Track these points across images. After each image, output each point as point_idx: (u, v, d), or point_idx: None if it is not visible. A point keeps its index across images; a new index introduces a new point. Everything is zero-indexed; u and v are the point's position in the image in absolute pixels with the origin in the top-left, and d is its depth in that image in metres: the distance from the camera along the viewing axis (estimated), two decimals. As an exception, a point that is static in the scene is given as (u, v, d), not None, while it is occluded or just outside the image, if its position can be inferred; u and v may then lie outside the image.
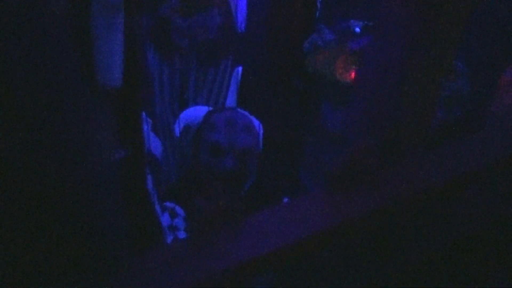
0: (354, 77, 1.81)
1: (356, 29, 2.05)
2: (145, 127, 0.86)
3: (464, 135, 1.65)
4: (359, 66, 1.79)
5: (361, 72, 1.32)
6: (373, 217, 1.04)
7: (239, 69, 2.06)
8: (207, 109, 1.50)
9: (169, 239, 1.15)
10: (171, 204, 1.28)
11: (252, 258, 0.85)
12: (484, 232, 1.28)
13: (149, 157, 0.94)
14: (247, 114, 1.47)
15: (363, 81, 1.25)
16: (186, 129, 1.47)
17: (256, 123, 1.45)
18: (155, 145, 1.03)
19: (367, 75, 1.22)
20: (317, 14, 2.17)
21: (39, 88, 0.63)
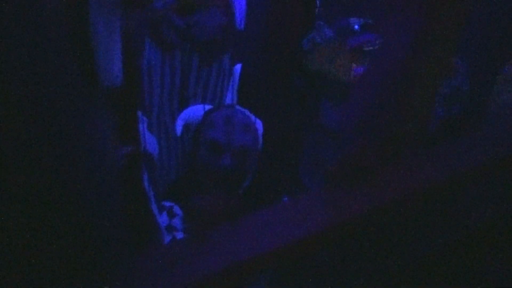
0: (355, 76, 1.81)
1: (355, 27, 2.04)
2: (141, 126, 0.85)
3: (463, 132, 1.65)
4: (358, 63, 1.79)
5: (363, 70, 1.32)
6: (372, 216, 1.04)
7: (238, 67, 2.06)
8: (207, 108, 1.49)
9: (167, 239, 1.14)
10: (169, 203, 1.28)
11: (250, 258, 0.85)
12: (483, 230, 1.28)
13: (145, 156, 0.94)
14: (247, 112, 1.46)
15: (363, 79, 1.25)
16: (186, 127, 1.47)
17: (255, 122, 1.45)
18: (151, 144, 1.03)
19: (367, 73, 1.22)
20: (317, 11, 2.17)
21: (37, 87, 0.63)
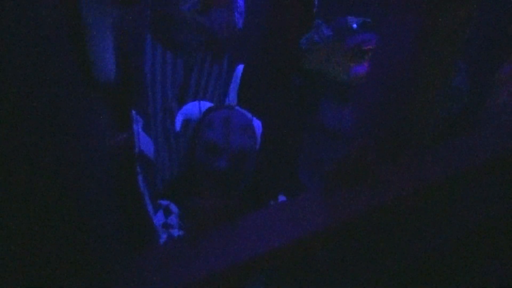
0: (353, 75, 1.80)
1: (353, 26, 2.03)
2: (135, 127, 0.85)
3: (462, 132, 1.65)
4: (356, 62, 1.78)
5: (368, 72, 1.32)
6: (371, 216, 1.04)
7: (241, 67, 2.05)
8: (208, 105, 1.47)
9: (163, 237, 1.14)
10: (165, 201, 1.27)
11: (247, 259, 0.84)
12: (482, 230, 1.27)
13: (140, 156, 0.93)
14: (246, 113, 1.44)
15: (370, 81, 1.24)
16: (185, 123, 1.45)
17: (255, 123, 1.43)
18: (146, 144, 1.03)
19: (374, 75, 1.21)
20: (315, 10, 2.16)
21: (31, 83, 0.63)
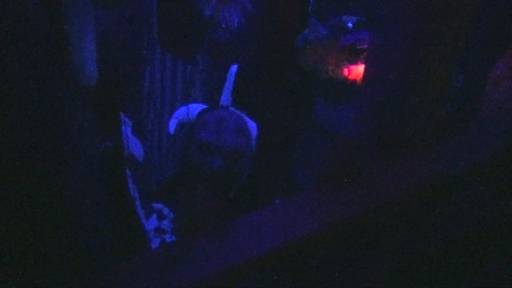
0: (346, 74, 1.79)
1: (348, 25, 2.03)
2: (124, 129, 0.84)
3: (457, 130, 1.64)
4: (351, 61, 1.78)
5: (366, 72, 1.31)
6: (365, 218, 1.03)
7: (235, 67, 2.04)
8: (200, 107, 1.48)
9: (156, 242, 1.13)
10: (158, 205, 1.27)
11: (240, 262, 0.84)
12: (478, 231, 1.27)
13: (129, 159, 0.93)
14: (241, 114, 1.44)
15: (370, 81, 1.23)
16: (180, 126, 1.45)
17: (250, 124, 1.43)
18: (135, 147, 1.02)
19: (373, 75, 1.20)
20: (310, 9, 2.15)
21: (16, 86, 0.62)
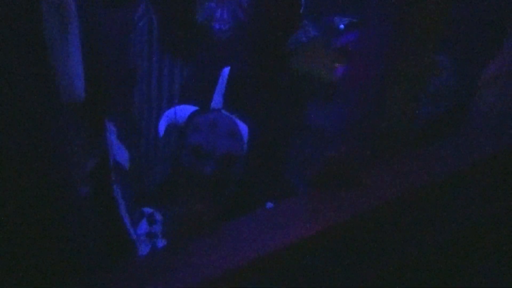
0: (339, 75, 1.78)
1: (340, 26, 2.02)
2: (109, 136, 0.82)
3: (450, 130, 1.64)
4: (342, 63, 1.77)
5: (346, 69, 1.32)
6: (358, 221, 1.02)
7: (226, 70, 2.02)
8: (189, 109, 1.46)
9: (147, 248, 1.12)
10: (149, 209, 1.25)
11: (232, 268, 0.82)
12: (473, 231, 1.27)
13: (115, 166, 0.91)
14: (233, 117, 1.44)
15: (348, 79, 1.24)
16: (170, 128, 1.44)
17: (241, 127, 1.43)
18: (120, 153, 1.00)
19: (352, 72, 1.21)
20: (302, 10, 2.14)
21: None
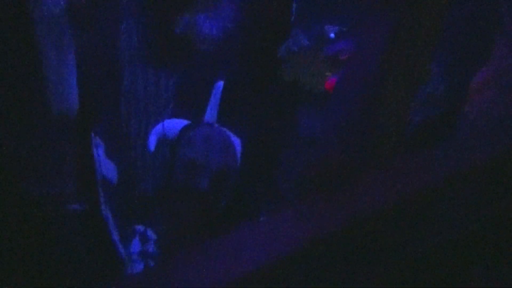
0: (330, 84, 1.79)
1: (330, 35, 2.03)
2: (96, 152, 0.82)
3: (440, 137, 1.65)
4: (333, 72, 1.78)
5: (338, 78, 1.32)
6: (352, 229, 1.02)
7: (220, 84, 2.01)
8: (184, 123, 1.46)
9: (140, 266, 1.10)
10: (141, 227, 1.24)
11: (225, 283, 0.82)
12: (465, 239, 1.26)
13: (103, 182, 0.90)
14: (226, 130, 1.43)
15: (340, 87, 1.24)
16: (160, 142, 1.43)
17: (234, 141, 1.42)
18: (108, 169, 1.00)
19: (344, 80, 1.21)
20: (292, 19, 2.15)
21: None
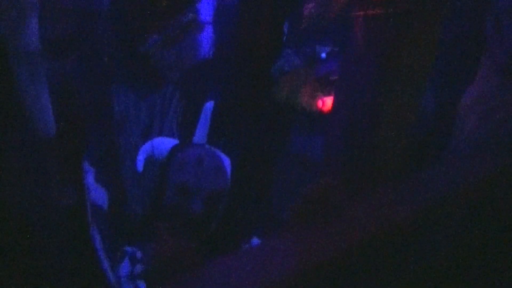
0: (320, 105, 1.80)
1: (322, 55, 2.04)
2: (86, 178, 0.82)
3: (431, 156, 1.64)
4: (324, 92, 1.78)
5: (336, 100, 1.32)
6: (343, 257, 1.01)
7: (210, 105, 2.01)
8: (173, 142, 1.44)
9: (128, 291, 1.09)
10: (131, 249, 1.22)
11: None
12: (455, 262, 1.26)
13: (93, 209, 0.89)
14: (217, 151, 1.42)
15: (338, 109, 1.23)
16: (148, 162, 1.41)
17: (225, 161, 1.41)
18: (98, 195, 0.98)
19: (342, 103, 1.21)
20: (284, 39, 2.16)
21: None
